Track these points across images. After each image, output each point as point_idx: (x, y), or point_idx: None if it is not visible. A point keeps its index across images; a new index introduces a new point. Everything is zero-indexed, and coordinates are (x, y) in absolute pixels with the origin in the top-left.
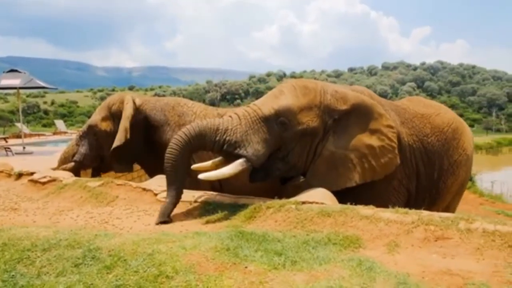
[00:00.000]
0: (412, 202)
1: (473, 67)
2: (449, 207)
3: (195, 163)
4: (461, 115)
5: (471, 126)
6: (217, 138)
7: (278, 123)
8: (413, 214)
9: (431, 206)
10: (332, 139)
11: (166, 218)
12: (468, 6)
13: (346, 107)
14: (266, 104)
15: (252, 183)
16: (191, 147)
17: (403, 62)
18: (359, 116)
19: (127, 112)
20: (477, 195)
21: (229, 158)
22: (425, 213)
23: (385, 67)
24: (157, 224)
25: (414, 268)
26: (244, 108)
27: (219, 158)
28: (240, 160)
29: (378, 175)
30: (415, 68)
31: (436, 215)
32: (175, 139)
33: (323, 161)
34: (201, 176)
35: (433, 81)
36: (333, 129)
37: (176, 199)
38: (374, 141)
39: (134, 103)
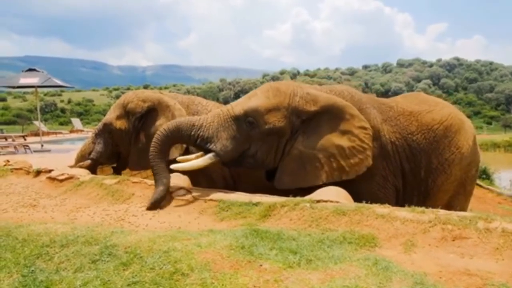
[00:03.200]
0: (401, 199)
1: (491, 63)
2: (452, 207)
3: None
4: (478, 113)
5: (489, 123)
6: (192, 133)
7: (246, 123)
8: (430, 213)
9: (422, 204)
10: (302, 138)
11: (159, 204)
12: (484, 0)
13: (316, 109)
14: (239, 105)
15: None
16: (170, 140)
17: (418, 59)
18: (330, 117)
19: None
20: (495, 194)
21: (203, 151)
22: (442, 212)
23: (400, 64)
24: (148, 209)
25: (431, 268)
26: (221, 108)
27: (201, 152)
28: (210, 155)
29: (348, 175)
30: (431, 65)
31: (454, 214)
32: (157, 134)
33: (292, 160)
34: (173, 166)
35: (450, 78)
36: (303, 129)
37: (167, 186)
38: (344, 141)
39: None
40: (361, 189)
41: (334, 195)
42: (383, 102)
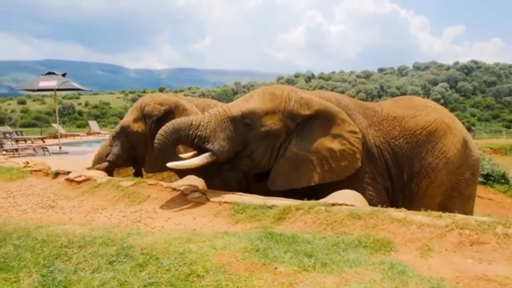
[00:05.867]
0: (390, 200)
1: (510, 66)
2: (449, 211)
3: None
4: (497, 116)
5: (508, 127)
6: (190, 133)
7: (243, 124)
8: (447, 218)
9: (407, 208)
10: (295, 141)
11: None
12: (502, 2)
13: (310, 113)
14: (236, 106)
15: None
16: (170, 142)
17: (435, 62)
18: (322, 121)
19: None
20: None
21: (200, 151)
22: (459, 217)
23: (417, 67)
24: None
25: (448, 272)
26: (218, 108)
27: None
28: (206, 154)
29: (338, 177)
30: (447, 68)
31: (472, 219)
32: (158, 135)
33: (286, 161)
34: (169, 164)
35: (467, 81)
36: (297, 132)
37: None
38: (335, 145)
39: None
40: (347, 187)
41: (349, 199)
42: (368, 107)
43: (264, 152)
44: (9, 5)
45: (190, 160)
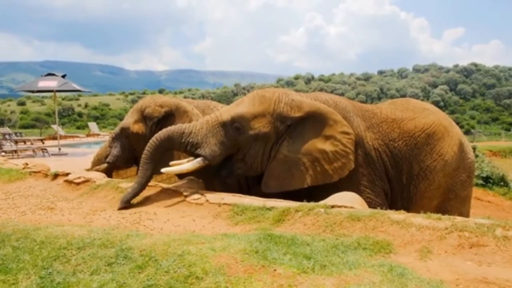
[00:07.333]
0: (389, 202)
1: (510, 69)
2: (446, 213)
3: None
4: (496, 119)
5: (507, 130)
6: (182, 140)
7: (233, 128)
8: (447, 220)
9: (406, 209)
10: (287, 143)
11: (126, 204)
12: (502, 5)
13: (300, 114)
14: (227, 111)
15: (219, 180)
16: (162, 148)
17: (435, 64)
18: (314, 122)
19: None
20: None
21: (195, 157)
22: (459, 219)
23: (416, 70)
24: (119, 209)
25: (447, 275)
26: (211, 114)
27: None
28: (199, 159)
29: (331, 178)
30: (447, 71)
31: (471, 221)
32: (150, 142)
33: (277, 164)
34: (163, 170)
35: (467, 83)
36: (288, 134)
37: (140, 189)
38: (327, 146)
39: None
40: (343, 190)
41: (349, 201)
42: (367, 109)
43: (256, 155)
44: (10, 6)
45: (182, 165)
